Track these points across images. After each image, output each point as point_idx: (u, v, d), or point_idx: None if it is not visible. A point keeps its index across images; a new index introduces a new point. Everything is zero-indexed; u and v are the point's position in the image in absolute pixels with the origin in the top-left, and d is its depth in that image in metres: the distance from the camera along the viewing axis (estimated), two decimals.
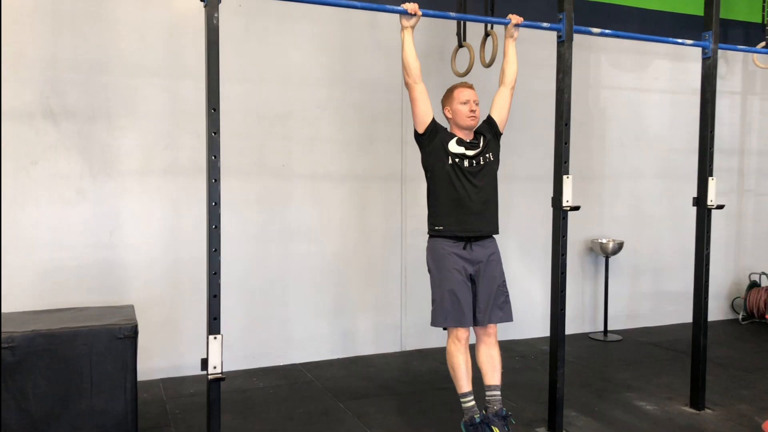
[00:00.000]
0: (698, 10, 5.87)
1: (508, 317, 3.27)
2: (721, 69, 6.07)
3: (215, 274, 2.68)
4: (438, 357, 4.79)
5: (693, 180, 5.97)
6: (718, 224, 6.16)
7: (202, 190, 4.27)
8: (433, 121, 3.23)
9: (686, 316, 6.00)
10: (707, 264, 3.76)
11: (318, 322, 4.74)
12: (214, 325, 2.68)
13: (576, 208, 3.30)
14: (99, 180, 4.14)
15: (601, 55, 5.56)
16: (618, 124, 5.69)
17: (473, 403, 3.21)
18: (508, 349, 5.03)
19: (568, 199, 3.30)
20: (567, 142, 3.31)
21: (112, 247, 4.17)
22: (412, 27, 3.14)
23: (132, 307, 3.31)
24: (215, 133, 2.65)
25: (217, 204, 2.68)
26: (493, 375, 3.24)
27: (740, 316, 6.02)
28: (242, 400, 3.89)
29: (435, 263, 3.21)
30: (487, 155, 3.25)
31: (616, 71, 5.68)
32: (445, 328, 3.27)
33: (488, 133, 3.31)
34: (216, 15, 2.64)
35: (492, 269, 3.23)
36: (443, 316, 3.16)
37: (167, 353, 4.29)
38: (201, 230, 4.34)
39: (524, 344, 5.18)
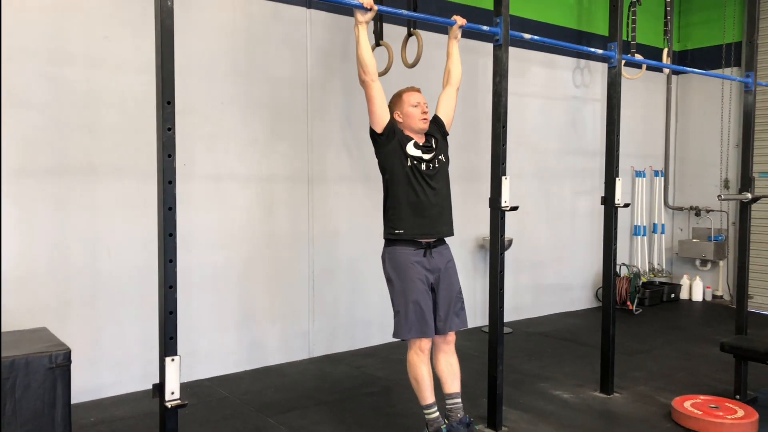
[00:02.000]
0: (570, 23, 6.39)
1: (464, 324, 3.25)
2: (585, 78, 6.61)
3: (171, 288, 2.38)
4: (349, 361, 4.70)
5: (565, 179, 6.52)
6: (584, 221, 6.74)
7: (95, 193, 3.90)
8: (392, 120, 3.14)
9: (561, 306, 6.52)
10: (615, 257, 4.05)
11: (223, 333, 4.42)
12: (170, 346, 2.39)
13: (515, 208, 3.39)
14: None
15: (488, 61, 5.76)
16: None
17: (438, 414, 3.15)
18: None
19: (506, 200, 3.38)
20: (504, 144, 3.39)
21: None
22: (367, 22, 3.02)
23: (46, 329, 2.84)
24: (170, 129, 2.35)
25: (173, 209, 2.37)
26: (453, 383, 3.22)
27: None
28: (158, 425, 3.50)
29: (397, 273, 3.12)
30: (440, 156, 3.23)
31: None
32: (404, 339, 3.18)
33: (437, 134, 3.29)
34: None
35: (450, 276, 3.21)
36: (407, 328, 3.07)
37: None
38: (94, 239, 3.92)
39: None
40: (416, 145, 3.16)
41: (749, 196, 4.76)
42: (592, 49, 4.00)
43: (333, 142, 4.86)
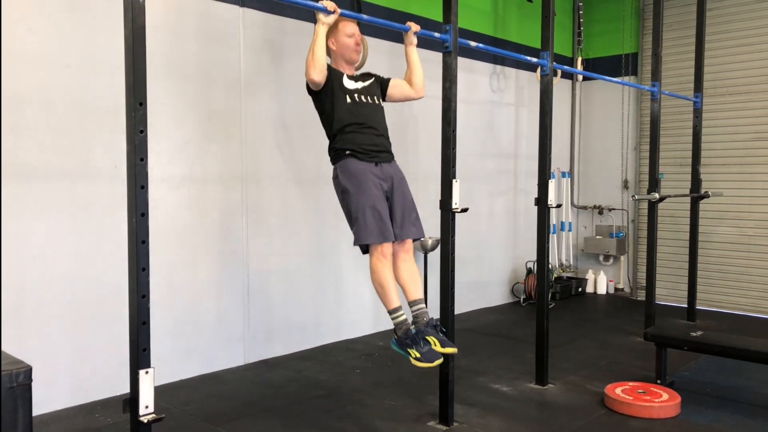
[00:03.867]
0: (487, 30, 6.63)
1: (420, 233, 3.36)
2: (501, 83, 6.89)
3: (144, 297, 2.29)
4: (287, 365, 4.65)
5: (483, 180, 6.76)
6: (500, 221, 7.03)
7: (18, 196, 3.66)
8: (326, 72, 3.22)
9: (480, 303, 6.77)
10: (548, 255, 4.26)
11: (156, 341, 4.20)
12: (143, 358, 2.30)
13: (465, 210, 3.51)
14: None
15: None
16: (428, 130, 6.09)
17: (405, 316, 3.19)
18: (348, 349, 5.12)
19: (456, 202, 3.49)
20: (455, 148, 3.50)
21: None
22: (329, 24, 3.01)
23: None
24: (142, 132, 2.25)
25: (145, 215, 2.28)
26: (416, 289, 3.28)
27: (521, 299, 6.92)
28: None
29: (351, 181, 3.17)
30: (376, 97, 3.38)
31: (427, 81, 6.07)
32: (366, 250, 3.24)
33: (375, 82, 3.45)
34: None
35: (403, 186, 3.33)
36: (367, 233, 3.13)
37: None
38: (17, 246, 3.65)
39: (361, 342, 5.29)
40: (349, 77, 3.31)
41: (657, 196, 5.18)
42: (528, 58, 4.20)
43: (266, 144, 4.79)
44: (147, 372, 2.28)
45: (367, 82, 3.40)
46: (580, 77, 7.64)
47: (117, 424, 3.57)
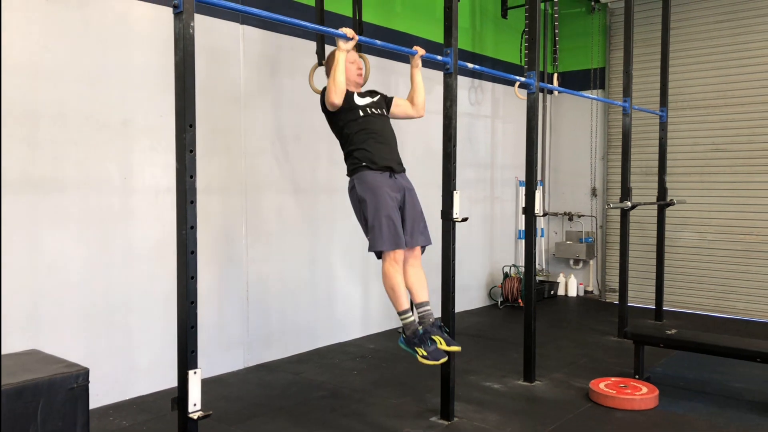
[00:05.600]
0: (465, 45, 6.90)
1: (428, 241, 3.67)
2: (479, 96, 7.22)
3: (192, 303, 2.49)
4: (286, 368, 4.84)
5: (462, 189, 6.99)
6: (477, 227, 7.35)
7: (33, 208, 3.82)
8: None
9: (460, 306, 7.00)
10: (535, 260, 4.57)
11: (163, 347, 4.39)
12: (191, 359, 2.49)
13: (465, 220, 3.78)
14: None
15: (400, 79, 6.17)
16: (412, 140, 6.37)
17: (413, 318, 3.48)
18: (342, 351, 5.33)
19: (457, 212, 3.76)
20: (455, 162, 3.77)
21: None
22: (348, 51, 3.25)
23: (39, 351, 2.76)
24: (192, 151, 2.45)
25: (194, 228, 2.48)
26: (423, 292, 3.59)
27: (499, 302, 7.24)
28: None
29: (368, 192, 3.42)
30: (384, 110, 3.67)
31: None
32: (379, 256, 3.48)
33: (381, 98, 3.73)
34: (192, 24, 2.44)
35: (413, 197, 3.61)
36: (382, 240, 3.39)
37: None
38: (32, 255, 3.76)
39: (353, 345, 5.51)
40: (360, 95, 3.60)
41: (629, 204, 5.55)
42: (516, 77, 4.50)
43: (265, 155, 4.98)
44: (195, 372, 2.46)
45: (375, 98, 3.70)
46: (556, 92, 8.01)
47: (133, 426, 3.72)
